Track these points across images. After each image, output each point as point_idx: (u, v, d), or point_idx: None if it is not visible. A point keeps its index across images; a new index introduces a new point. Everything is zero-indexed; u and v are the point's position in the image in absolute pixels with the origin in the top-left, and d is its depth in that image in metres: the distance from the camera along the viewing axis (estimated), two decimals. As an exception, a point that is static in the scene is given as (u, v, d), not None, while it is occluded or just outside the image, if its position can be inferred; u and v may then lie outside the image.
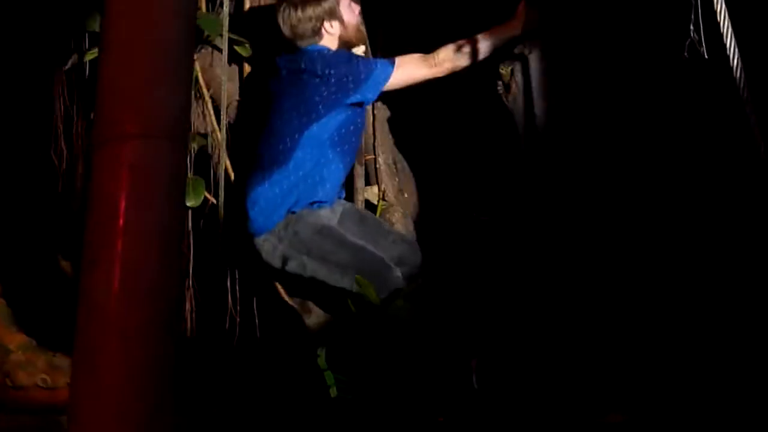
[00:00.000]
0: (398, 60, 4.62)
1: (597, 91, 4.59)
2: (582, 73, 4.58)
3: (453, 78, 4.71)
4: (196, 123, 4.80)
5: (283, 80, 4.65)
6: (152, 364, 2.49)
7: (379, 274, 4.46)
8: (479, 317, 4.65)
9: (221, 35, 4.63)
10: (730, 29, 3.59)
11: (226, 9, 4.70)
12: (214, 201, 4.66)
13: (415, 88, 4.74)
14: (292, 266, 4.54)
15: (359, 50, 4.83)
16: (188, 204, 4.48)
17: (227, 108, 4.77)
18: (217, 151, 4.75)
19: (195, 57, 4.52)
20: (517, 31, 4.65)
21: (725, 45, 3.62)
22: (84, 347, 2.51)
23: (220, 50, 4.72)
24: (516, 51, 4.63)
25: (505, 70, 4.64)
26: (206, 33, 4.69)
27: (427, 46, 4.77)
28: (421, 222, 4.97)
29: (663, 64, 4.50)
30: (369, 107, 4.84)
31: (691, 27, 3.83)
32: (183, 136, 2.71)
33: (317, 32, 4.62)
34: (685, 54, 3.82)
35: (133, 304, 2.47)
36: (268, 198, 4.53)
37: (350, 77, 4.52)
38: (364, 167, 4.96)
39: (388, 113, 5.00)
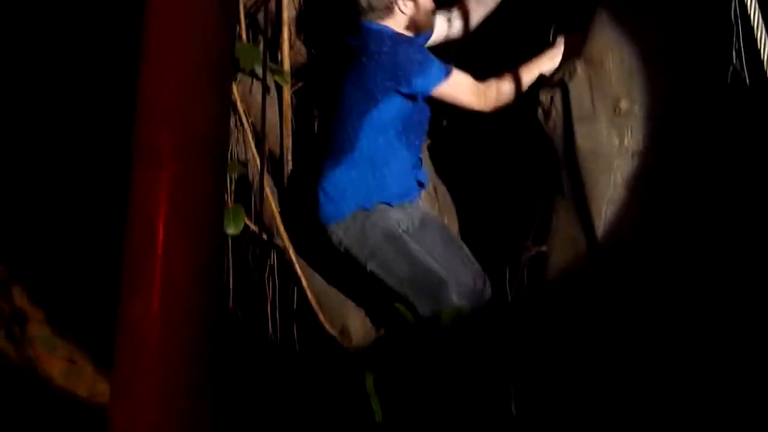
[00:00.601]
0: (454, 72, 4.62)
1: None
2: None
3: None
4: (236, 150, 4.85)
5: (345, 62, 4.68)
6: (192, 391, 2.51)
7: (433, 294, 4.51)
8: (519, 344, 4.69)
9: (260, 64, 4.69)
10: None
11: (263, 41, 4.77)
12: (255, 228, 4.72)
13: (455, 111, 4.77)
14: (353, 258, 4.60)
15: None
16: (228, 232, 4.52)
17: (267, 136, 4.83)
18: (256, 178, 4.80)
19: (234, 85, 4.59)
20: (557, 61, 4.71)
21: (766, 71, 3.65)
22: (123, 374, 2.52)
23: (259, 79, 4.77)
24: (556, 78, 4.67)
25: (545, 97, 4.65)
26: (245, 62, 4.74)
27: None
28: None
29: (705, 89, 4.55)
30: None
31: (734, 53, 3.89)
32: (222, 163, 2.72)
33: (389, 8, 4.60)
34: (728, 80, 3.86)
35: (172, 331, 2.48)
36: (336, 185, 4.59)
37: (405, 66, 4.52)
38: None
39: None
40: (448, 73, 4.58)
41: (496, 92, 4.68)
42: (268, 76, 4.80)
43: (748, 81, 3.89)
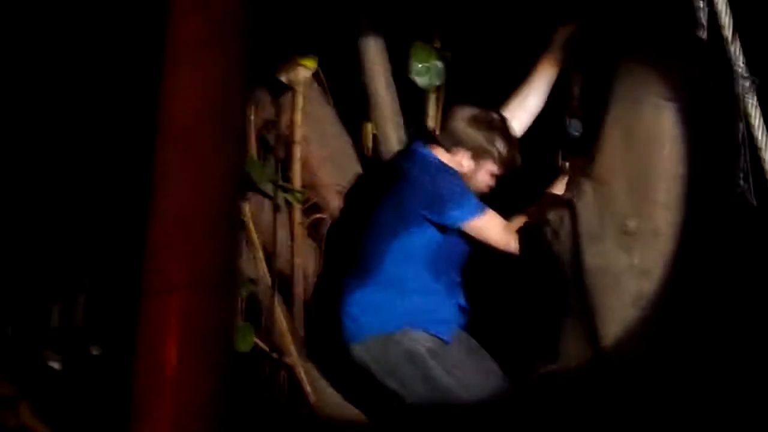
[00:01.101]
0: (488, 211, 4.61)
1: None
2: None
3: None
4: (246, 268, 4.85)
5: (389, 180, 4.66)
6: None
7: (447, 413, 4.46)
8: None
9: (272, 182, 4.72)
10: None
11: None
12: (265, 348, 4.71)
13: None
14: (372, 375, 4.55)
15: None
16: (238, 350, 4.50)
17: (277, 255, 4.83)
18: (266, 297, 4.80)
19: (245, 203, 4.61)
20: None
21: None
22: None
23: (270, 197, 4.80)
24: (564, 197, 4.70)
25: (553, 216, 4.68)
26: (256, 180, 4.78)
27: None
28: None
29: (713, 211, 4.62)
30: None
31: (740, 175, 3.90)
32: (231, 285, 2.73)
33: (453, 147, 4.61)
34: (735, 202, 3.87)
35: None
36: (360, 306, 4.54)
37: (443, 196, 4.50)
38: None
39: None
40: (482, 210, 4.57)
41: (515, 243, 4.68)
42: (279, 194, 4.83)
43: (754, 202, 3.86)
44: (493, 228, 4.62)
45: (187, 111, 2.72)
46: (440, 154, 4.63)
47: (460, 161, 4.61)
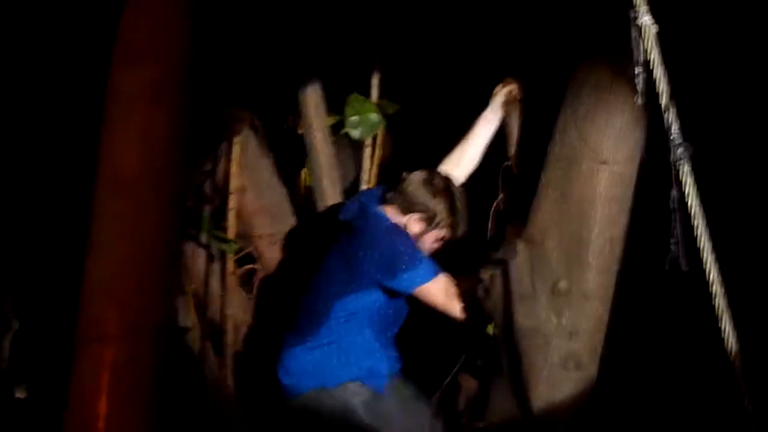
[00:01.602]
0: (441, 276, 4.57)
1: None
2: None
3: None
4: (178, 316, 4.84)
5: (334, 236, 4.64)
6: None
7: None
8: None
9: (206, 231, 4.71)
10: (707, 243, 3.68)
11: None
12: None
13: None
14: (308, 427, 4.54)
15: None
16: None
17: (208, 304, 4.82)
18: (198, 344, 4.78)
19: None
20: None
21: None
22: None
23: (204, 246, 4.78)
24: (497, 257, 4.74)
25: (486, 275, 4.73)
26: (192, 229, 4.77)
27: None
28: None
29: (644, 275, 4.63)
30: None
31: (672, 241, 3.95)
32: (165, 335, 2.70)
33: (406, 210, 4.60)
34: (667, 267, 3.90)
35: None
36: (298, 363, 4.52)
37: (397, 261, 4.47)
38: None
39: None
40: (434, 275, 4.54)
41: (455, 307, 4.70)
42: (213, 243, 4.81)
43: (686, 267, 3.91)
44: (439, 294, 4.61)
45: (126, 162, 2.71)
46: (392, 216, 4.63)
47: (413, 225, 4.61)
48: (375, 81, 5.31)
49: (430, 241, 4.64)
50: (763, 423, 3.88)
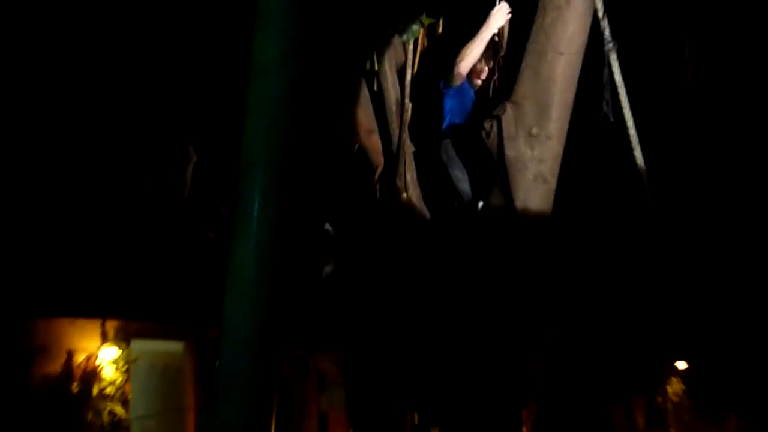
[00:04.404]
0: None
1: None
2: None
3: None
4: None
5: None
6: None
7: None
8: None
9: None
10: (626, 103, 5.21)
11: None
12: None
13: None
14: None
15: None
16: None
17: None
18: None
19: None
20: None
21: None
22: None
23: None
24: (494, 113, 6.18)
25: (487, 124, 6.22)
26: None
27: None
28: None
29: (585, 123, 5.96)
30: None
31: (604, 102, 5.42)
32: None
33: None
34: (600, 119, 5.32)
35: None
36: None
37: None
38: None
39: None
40: None
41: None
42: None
43: (612, 119, 5.27)
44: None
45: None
46: None
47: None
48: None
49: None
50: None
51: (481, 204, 6.45)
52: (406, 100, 6.47)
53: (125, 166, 7.36)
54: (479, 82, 6.74)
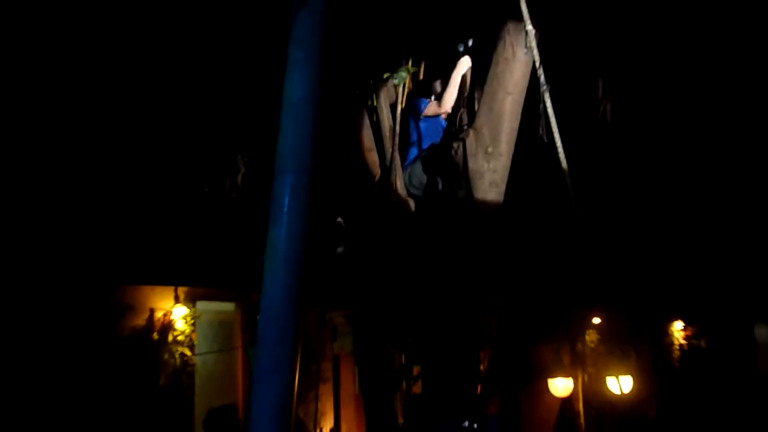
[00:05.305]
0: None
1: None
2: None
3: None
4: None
5: None
6: None
7: None
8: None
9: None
10: (555, 125, 4.99)
11: None
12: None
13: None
14: None
15: None
16: None
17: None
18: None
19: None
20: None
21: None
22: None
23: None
24: (461, 137, 6.21)
25: (455, 145, 6.21)
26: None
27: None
28: None
29: (526, 146, 5.96)
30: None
31: (540, 124, 5.34)
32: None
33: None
34: (537, 140, 5.27)
35: None
36: None
37: None
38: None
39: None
40: None
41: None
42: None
43: (546, 140, 5.20)
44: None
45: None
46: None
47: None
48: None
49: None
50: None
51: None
52: (396, 128, 6.55)
53: (194, 175, 7.62)
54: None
